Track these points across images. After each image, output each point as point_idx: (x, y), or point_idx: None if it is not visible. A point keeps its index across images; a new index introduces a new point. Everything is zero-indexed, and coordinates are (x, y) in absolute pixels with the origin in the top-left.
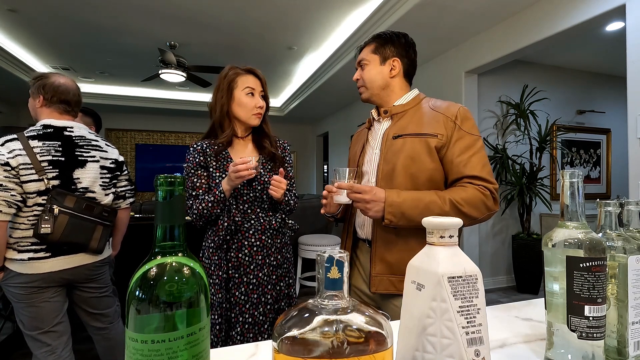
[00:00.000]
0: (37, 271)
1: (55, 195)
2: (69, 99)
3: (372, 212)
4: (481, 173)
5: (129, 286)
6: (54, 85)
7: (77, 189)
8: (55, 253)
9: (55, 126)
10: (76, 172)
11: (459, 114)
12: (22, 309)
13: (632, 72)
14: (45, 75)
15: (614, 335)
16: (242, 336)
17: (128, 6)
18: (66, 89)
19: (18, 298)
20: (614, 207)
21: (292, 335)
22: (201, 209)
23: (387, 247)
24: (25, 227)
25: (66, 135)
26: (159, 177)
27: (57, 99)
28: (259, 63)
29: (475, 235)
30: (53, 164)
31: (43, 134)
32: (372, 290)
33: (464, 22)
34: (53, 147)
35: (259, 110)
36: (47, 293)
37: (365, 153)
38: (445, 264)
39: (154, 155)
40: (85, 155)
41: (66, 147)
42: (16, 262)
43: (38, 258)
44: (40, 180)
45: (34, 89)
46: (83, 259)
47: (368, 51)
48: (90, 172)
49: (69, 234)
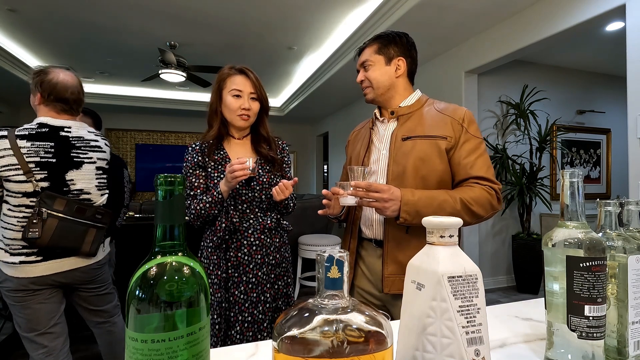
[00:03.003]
0: (28, 275)
1: (45, 198)
2: (67, 97)
3: (389, 212)
4: (487, 174)
5: (129, 286)
6: (52, 82)
7: (71, 191)
8: (47, 257)
9: (52, 125)
10: (70, 174)
11: (466, 117)
12: (17, 311)
13: (632, 72)
14: (44, 70)
15: (614, 335)
16: (241, 335)
17: (128, 6)
18: (64, 86)
19: (13, 300)
20: (614, 207)
21: (292, 335)
22: (199, 209)
23: (399, 247)
24: (15, 228)
25: (62, 136)
26: (159, 176)
27: (54, 97)
28: (259, 63)
29: (475, 235)
30: (41, 165)
31: (35, 134)
32: (385, 291)
33: (464, 22)
34: (43, 148)
35: (244, 112)
36: (41, 295)
37: (370, 153)
38: (445, 263)
39: (154, 155)
40: (82, 156)
41: (60, 148)
42: (8, 265)
43: (29, 262)
44: (28, 182)
45: (33, 85)
46: (76, 262)
47: (371, 52)
48: (87, 174)
49: (59, 238)
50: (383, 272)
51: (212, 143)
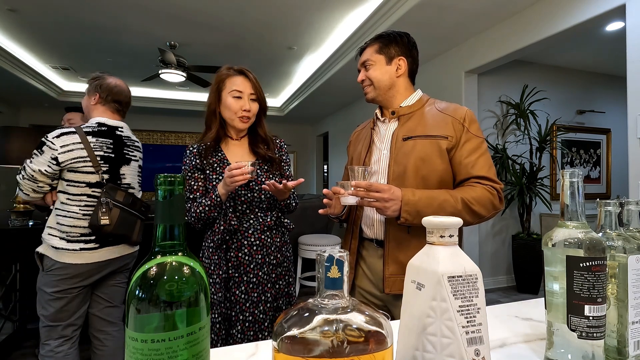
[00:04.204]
0: (87, 261)
1: (109, 189)
2: (122, 99)
3: (389, 211)
4: (488, 174)
5: (129, 285)
6: (110, 85)
7: (122, 184)
8: (103, 244)
9: (109, 125)
10: (122, 169)
11: (467, 117)
12: (52, 301)
13: (632, 72)
14: (102, 76)
15: (614, 335)
16: (242, 334)
17: (128, 6)
18: (120, 90)
19: (54, 289)
20: (614, 206)
21: (292, 335)
22: (199, 212)
23: (400, 247)
24: (77, 216)
25: (117, 135)
26: (159, 176)
27: (112, 99)
28: (259, 63)
29: (475, 235)
30: (105, 159)
31: (98, 131)
32: (386, 291)
33: (464, 22)
34: (106, 144)
35: (244, 113)
36: (82, 288)
37: (371, 153)
38: (445, 263)
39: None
40: (130, 154)
41: (117, 145)
42: (67, 252)
43: (89, 248)
44: (95, 173)
45: (91, 87)
46: (124, 249)
47: (372, 51)
48: (133, 170)
49: (119, 226)
50: (384, 273)
51: (209, 145)
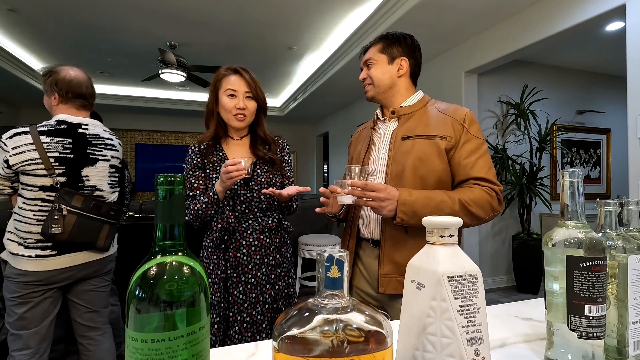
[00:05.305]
0: (45, 268)
1: (64, 194)
2: (84, 92)
3: (385, 211)
4: (487, 175)
5: (129, 285)
6: (66, 80)
7: (85, 187)
8: (62, 251)
9: (70, 122)
10: (85, 170)
11: (467, 117)
12: (14, 307)
13: (632, 72)
14: (54, 70)
15: (614, 335)
16: (240, 335)
17: (128, 6)
18: (79, 82)
19: (15, 294)
20: (614, 206)
21: (292, 335)
22: (197, 210)
23: (396, 247)
24: (31, 222)
25: (80, 133)
26: (159, 176)
27: (73, 94)
28: (259, 63)
29: (475, 235)
30: (60, 160)
31: (54, 130)
32: (380, 291)
33: (464, 22)
34: (62, 143)
35: (239, 111)
36: (46, 293)
37: (370, 153)
38: (445, 263)
39: (154, 155)
40: (97, 153)
41: (77, 144)
42: (23, 259)
43: (45, 256)
44: (48, 177)
45: (47, 86)
46: (89, 256)
47: (375, 51)
48: (101, 171)
49: (77, 234)
50: (379, 272)
51: (209, 144)
